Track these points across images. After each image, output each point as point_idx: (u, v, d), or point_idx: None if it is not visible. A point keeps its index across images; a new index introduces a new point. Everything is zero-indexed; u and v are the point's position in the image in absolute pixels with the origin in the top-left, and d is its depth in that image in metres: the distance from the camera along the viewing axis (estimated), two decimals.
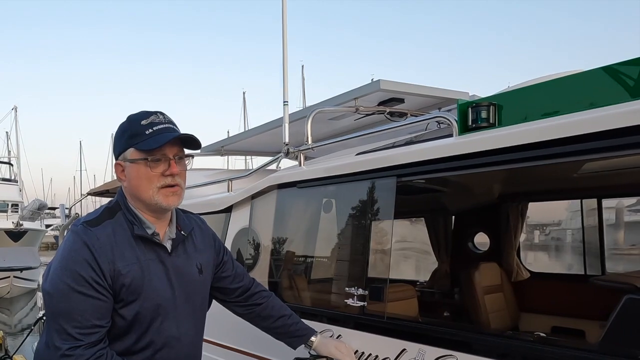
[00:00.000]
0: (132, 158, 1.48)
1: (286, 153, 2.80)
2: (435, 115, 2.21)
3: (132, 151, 1.48)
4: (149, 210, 1.54)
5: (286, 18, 2.88)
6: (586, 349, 1.51)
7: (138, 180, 1.49)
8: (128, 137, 1.49)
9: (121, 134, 1.52)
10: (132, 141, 1.47)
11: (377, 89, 2.74)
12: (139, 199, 1.52)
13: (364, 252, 2.17)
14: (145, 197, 1.50)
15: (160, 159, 1.48)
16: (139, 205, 1.54)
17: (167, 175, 1.49)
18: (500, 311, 3.24)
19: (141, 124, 1.47)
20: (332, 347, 1.88)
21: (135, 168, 1.49)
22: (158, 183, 1.49)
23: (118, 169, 1.54)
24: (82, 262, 1.40)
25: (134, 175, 1.50)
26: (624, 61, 1.57)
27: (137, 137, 1.47)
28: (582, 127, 1.45)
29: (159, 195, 1.49)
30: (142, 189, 1.49)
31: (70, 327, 1.38)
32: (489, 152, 1.69)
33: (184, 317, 1.60)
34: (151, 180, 1.48)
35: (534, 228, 25.39)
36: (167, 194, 1.50)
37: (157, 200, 1.49)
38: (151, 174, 1.48)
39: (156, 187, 1.49)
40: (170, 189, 1.51)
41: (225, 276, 1.85)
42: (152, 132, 1.46)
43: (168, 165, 1.49)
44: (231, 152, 4.96)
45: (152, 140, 1.46)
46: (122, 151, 1.51)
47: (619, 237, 19.95)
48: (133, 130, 1.48)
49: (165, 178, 1.49)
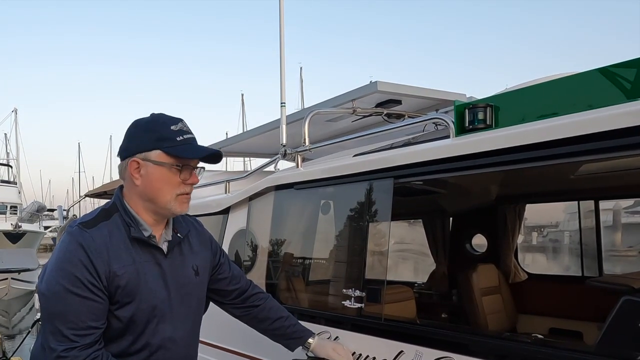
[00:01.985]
0: (159, 160, 1.46)
1: (283, 154, 2.79)
2: (433, 116, 2.21)
3: (159, 153, 1.46)
4: (152, 212, 1.53)
5: (283, 17, 2.88)
6: (583, 350, 1.51)
7: (159, 184, 1.48)
8: (156, 139, 1.46)
9: (146, 132, 1.48)
10: (162, 144, 1.46)
11: (375, 90, 2.74)
12: (150, 201, 1.50)
13: (361, 253, 2.17)
14: (161, 201, 1.49)
15: (186, 167, 1.49)
16: (144, 206, 1.52)
17: (187, 184, 1.51)
18: (497, 313, 3.24)
19: (171, 129, 1.47)
20: (329, 349, 1.88)
21: (158, 170, 1.47)
22: (178, 190, 1.50)
23: (133, 166, 1.48)
24: (78, 263, 1.40)
25: (155, 178, 1.47)
26: (621, 62, 1.57)
27: (168, 141, 1.46)
28: (579, 128, 1.45)
29: (176, 202, 1.51)
30: (162, 192, 1.49)
31: (65, 329, 1.38)
32: (486, 154, 1.69)
33: (180, 319, 1.60)
34: (173, 187, 1.49)
35: (532, 230, 25.44)
36: (183, 200, 1.53)
37: (172, 206, 1.50)
38: (175, 180, 1.49)
39: (175, 194, 1.50)
40: (186, 196, 1.53)
41: (222, 278, 1.85)
42: (182, 140, 1.47)
43: (190, 174, 1.51)
44: (229, 154, 4.95)
45: (187, 149, 1.47)
46: (146, 150, 1.46)
47: (615, 239, 20.01)
48: (163, 133, 1.47)
49: (185, 186, 1.51)
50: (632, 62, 1.53)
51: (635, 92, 1.50)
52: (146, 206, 1.52)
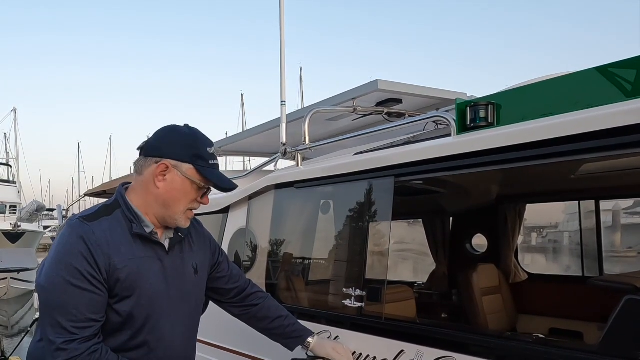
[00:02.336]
0: (189, 175, 1.52)
1: (284, 153, 2.78)
2: (434, 115, 2.20)
3: (191, 168, 1.52)
4: (161, 217, 1.56)
5: (284, 13, 2.85)
6: (586, 350, 1.50)
7: (180, 195, 1.53)
8: (193, 155, 1.52)
9: (184, 145, 1.53)
10: (196, 161, 1.53)
11: (375, 89, 2.72)
12: (163, 206, 1.53)
13: (361, 252, 2.16)
14: (173, 210, 1.54)
15: (205, 188, 1.57)
16: (154, 208, 1.54)
17: (199, 202, 1.59)
18: (498, 313, 3.23)
19: (207, 150, 1.55)
20: (329, 349, 1.87)
21: (182, 182, 1.52)
22: (190, 205, 1.57)
23: (161, 168, 1.51)
24: (78, 255, 1.40)
25: (178, 188, 1.52)
26: (623, 60, 1.57)
27: (202, 160, 1.53)
28: (582, 125, 1.44)
29: (184, 215, 1.57)
30: (178, 203, 1.54)
31: (65, 321, 1.37)
32: (488, 152, 1.68)
33: (179, 317, 1.60)
34: (189, 201, 1.56)
35: (531, 230, 25.46)
36: (189, 216, 1.60)
37: (179, 218, 1.56)
38: (192, 196, 1.56)
39: (185, 208, 1.56)
40: (192, 213, 1.61)
41: (221, 277, 1.84)
42: (213, 164, 1.56)
43: (204, 195, 1.59)
44: (229, 153, 4.94)
45: (214, 175, 1.55)
46: (180, 160, 1.51)
47: (615, 240, 20.03)
48: (200, 152, 1.54)
49: (197, 204, 1.59)
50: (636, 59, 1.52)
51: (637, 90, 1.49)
52: (156, 209, 1.54)
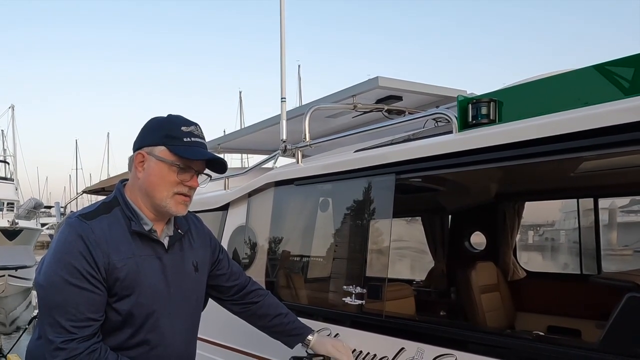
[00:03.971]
0: (161, 157, 1.48)
1: (284, 150, 2.77)
2: (435, 111, 2.19)
3: (163, 149, 1.49)
4: (153, 209, 1.53)
5: (284, 10, 2.83)
6: (586, 347, 1.50)
7: (158, 179, 1.49)
8: (164, 136, 1.49)
9: (157, 129, 1.52)
10: (168, 141, 1.48)
11: (375, 86, 2.71)
12: (148, 196, 1.51)
13: (362, 250, 2.15)
14: (157, 198, 1.50)
15: (186, 169, 1.50)
16: (143, 201, 1.52)
17: (186, 185, 1.52)
18: (496, 310, 3.23)
19: (181, 129, 1.50)
20: (329, 346, 1.87)
21: (159, 166, 1.49)
22: (175, 189, 1.51)
23: (138, 158, 1.51)
24: (77, 254, 1.39)
25: (155, 173, 1.49)
26: (621, 58, 1.57)
27: (175, 139, 1.48)
28: (586, 122, 1.43)
29: (172, 200, 1.51)
30: (159, 189, 1.50)
31: (64, 320, 1.37)
32: (490, 149, 1.67)
33: (179, 315, 1.59)
34: (170, 184, 1.50)
35: (528, 228, 25.53)
36: (179, 201, 1.53)
37: (167, 204, 1.50)
38: (172, 179, 1.50)
39: (171, 192, 1.50)
40: (183, 197, 1.54)
41: (221, 274, 1.84)
42: (189, 141, 1.49)
43: (190, 177, 1.52)
44: (228, 150, 4.92)
45: (189, 150, 1.48)
46: (152, 145, 1.50)
47: (612, 238, 20.10)
48: (173, 131, 1.50)
49: (183, 187, 1.52)
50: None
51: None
52: (145, 201, 1.52)
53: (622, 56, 1.58)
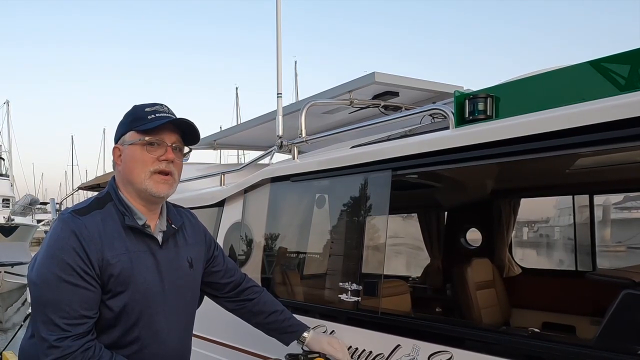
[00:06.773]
0: (131, 140, 1.48)
1: (280, 146, 2.75)
2: (432, 107, 2.18)
3: (131, 133, 1.49)
4: (140, 198, 1.51)
5: (280, 5, 2.80)
6: (582, 344, 1.50)
7: (133, 163, 1.48)
8: (130, 121, 1.51)
9: (124, 121, 1.54)
10: (133, 124, 1.49)
11: (372, 81, 2.70)
12: (130, 183, 1.50)
13: (358, 247, 2.15)
14: (137, 181, 1.48)
15: (157, 142, 1.48)
16: (131, 193, 1.51)
17: (162, 160, 1.48)
18: (491, 307, 3.24)
19: (145, 110, 1.50)
20: (324, 343, 1.86)
21: (131, 150, 1.48)
22: (152, 167, 1.47)
23: (116, 152, 1.53)
24: (70, 250, 1.37)
25: (129, 158, 1.49)
26: (617, 54, 1.56)
27: (139, 120, 1.48)
28: (584, 118, 1.43)
29: (150, 180, 1.47)
30: (136, 172, 1.47)
31: (57, 318, 1.35)
32: (487, 145, 1.66)
33: (174, 311, 1.57)
34: (145, 163, 1.47)
35: (523, 225, 25.61)
36: (158, 180, 1.49)
37: (146, 186, 1.47)
38: (146, 157, 1.47)
39: (149, 171, 1.47)
40: (162, 176, 1.49)
41: (216, 271, 1.82)
42: (153, 117, 1.48)
43: (164, 151, 1.49)
44: (224, 146, 4.90)
45: (152, 121, 1.47)
46: (122, 134, 1.51)
47: (605, 234, 20.19)
48: (136, 115, 1.51)
49: (160, 163, 1.48)
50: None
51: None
52: (129, 190, 1.51)
53: (619, 52, 1.57)
